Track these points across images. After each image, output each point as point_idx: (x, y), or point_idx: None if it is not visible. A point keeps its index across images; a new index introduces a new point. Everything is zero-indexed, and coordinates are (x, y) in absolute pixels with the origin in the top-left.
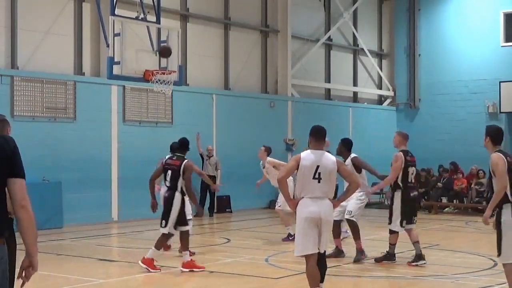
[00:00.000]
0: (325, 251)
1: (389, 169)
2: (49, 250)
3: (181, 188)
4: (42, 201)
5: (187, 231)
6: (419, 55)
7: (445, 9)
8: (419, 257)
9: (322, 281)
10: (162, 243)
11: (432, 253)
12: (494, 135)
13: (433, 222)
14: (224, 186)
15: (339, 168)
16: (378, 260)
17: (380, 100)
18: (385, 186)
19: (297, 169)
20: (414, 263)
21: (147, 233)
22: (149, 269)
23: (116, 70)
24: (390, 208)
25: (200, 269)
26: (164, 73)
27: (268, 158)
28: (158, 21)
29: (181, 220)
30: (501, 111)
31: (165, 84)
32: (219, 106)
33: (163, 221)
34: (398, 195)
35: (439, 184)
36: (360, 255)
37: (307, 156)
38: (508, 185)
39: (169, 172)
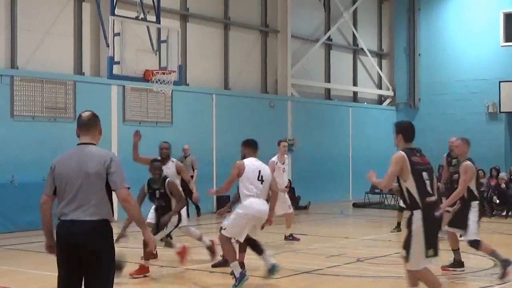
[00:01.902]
0: None
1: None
2: None
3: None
4: None
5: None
6: (419, 55)
7: (445, 9)
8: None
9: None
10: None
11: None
12: (406, 132)
13: None
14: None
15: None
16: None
17: (380, 100)
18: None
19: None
20: (451, 268)
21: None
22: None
23: (116, 70)
24: (464, 219)
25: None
26: (164, 73)
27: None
28: (158, 21)
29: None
30: (501, 111)
31: (165, 84)
32: (218, 106)
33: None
34: (475, 206)
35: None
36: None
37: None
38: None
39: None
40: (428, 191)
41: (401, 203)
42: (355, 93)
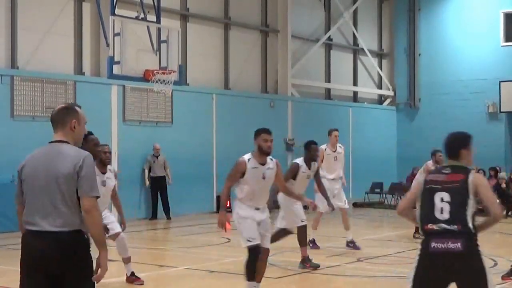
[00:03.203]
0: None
1: (389, 169)
2: None
3: None
4: None
5: None
6: (419, 54)
7: (445, 9)
8: None
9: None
10: None
11: None
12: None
13: None
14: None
15: None
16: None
17: (380, 99)
18: None
19: None
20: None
21: (146, 232)
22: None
23: (116, 69)
24: None
25: None
26: (164, 73)
27: None
28: (158, 21)
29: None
30: (501, 110)
31: (165, 84)
32: (219, 105)
33: None
34: None
35: None
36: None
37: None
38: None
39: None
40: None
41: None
42: (355, 93)
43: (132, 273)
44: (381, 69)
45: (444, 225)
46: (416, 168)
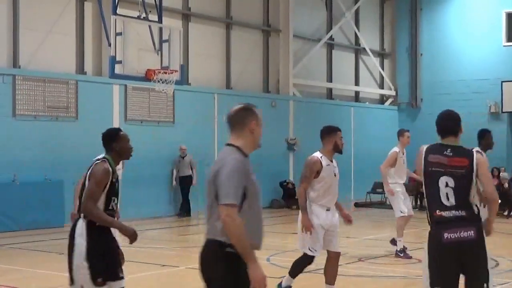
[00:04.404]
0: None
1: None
2: (51, 249)
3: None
4: (44, 200)
5: None
6: (421, 54)
7: (447, 9)
8: None
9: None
10: None
11: None
12: (436, 124)
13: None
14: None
15: None
16: None
17: (382, 99)
18: None
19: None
20: None
21: (148, 232)
22: None
23: (118, 69)
24: None
25: None
26: (166, 73)
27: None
28: (160, 21)
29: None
30: (503, 110)
31: (166, 83)
32: (220, 105)
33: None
34: None
35: None
36: None
37: None
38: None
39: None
40: (442, 202)
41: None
42: (357, 93)
43: None
44: (382, 69)
45: (453, 212)
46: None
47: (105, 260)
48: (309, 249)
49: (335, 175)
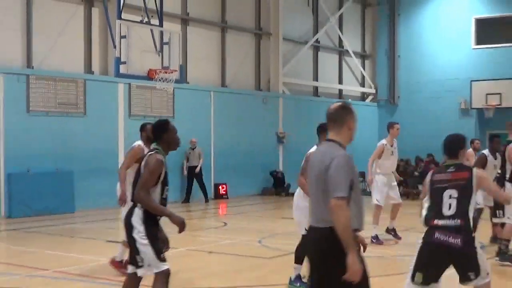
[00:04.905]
0: None
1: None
2: (62, 233)
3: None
4: (55, 189)
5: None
6: (399, 56)
7: (422, 15)
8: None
9: None
10: None
11: (412, 235)
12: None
13: (410, 207)
14: (221, 175)
15: None
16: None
17: (363, 97)
18: None
19: None
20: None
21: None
22: None
23: (122, 69)
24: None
25: None
26: (166, 72)
27: None
28: (160, 25)
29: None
30: (472, 107)
31: (167, 82)
32: (216, 102)
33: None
34: None
35: (416, 173)
36: None
37: None
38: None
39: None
40: (442, 212)
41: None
42: (340, 91)
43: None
44: (364, 69)
45: (448, 221)
46: None
47: (159, 243)
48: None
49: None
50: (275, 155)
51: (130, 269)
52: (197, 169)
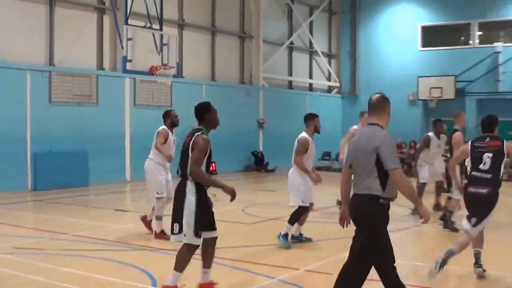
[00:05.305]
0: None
1: (335, 142)
2: (78, 203)
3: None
4: (72, 166)
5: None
6: (359, 56)
7: (378, 23)
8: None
9: None
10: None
11: None
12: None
13: None
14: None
15: None
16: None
17: (329, 89)
18: None
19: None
20: None
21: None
22: None
23: (128, 66)
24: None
25: None
26: (165, 68)
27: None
28: (161, 29)
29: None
30: (419, 98)
31: (166, 77)
32: (207, 93)
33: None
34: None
35: None
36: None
37: None
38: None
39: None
40: (479, 167)
41: None
42: (310, 84)
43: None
44: (330, 66)
45: (482, 174)
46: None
47: (207, 214)
48: (302, 202)
49: (313, 149)
50: (256, 138)
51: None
52: None
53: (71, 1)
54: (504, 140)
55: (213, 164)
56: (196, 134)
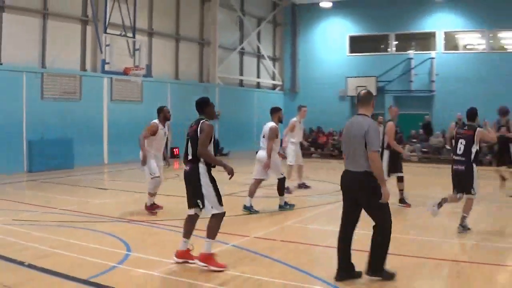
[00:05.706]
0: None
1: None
2: (65, 182)
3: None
4: (61, 151)
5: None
6: (299, 60)
7: (314, 33)
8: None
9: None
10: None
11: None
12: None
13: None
14: (176, 141)
15: None
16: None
17: (273, 87)
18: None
19: None
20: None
21: (127, 171)
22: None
23: (107, 68)
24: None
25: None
26: (137, 69)
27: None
28: (134, 36)
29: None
30: (347, 95)
31: (137, 76)
32: (172, 90)
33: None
34: None
35: (309, 140)
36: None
37: None
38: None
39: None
40: (457, 152)
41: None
42: (258, 83)
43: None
44: (274, 67)
45: (458, 157)
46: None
47: (218, 189)
48: (282, 174)
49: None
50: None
51: (193, 211)
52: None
53: (60, 14)
54: (477, 129)
55: (177, 150)
56: (201, 121)
